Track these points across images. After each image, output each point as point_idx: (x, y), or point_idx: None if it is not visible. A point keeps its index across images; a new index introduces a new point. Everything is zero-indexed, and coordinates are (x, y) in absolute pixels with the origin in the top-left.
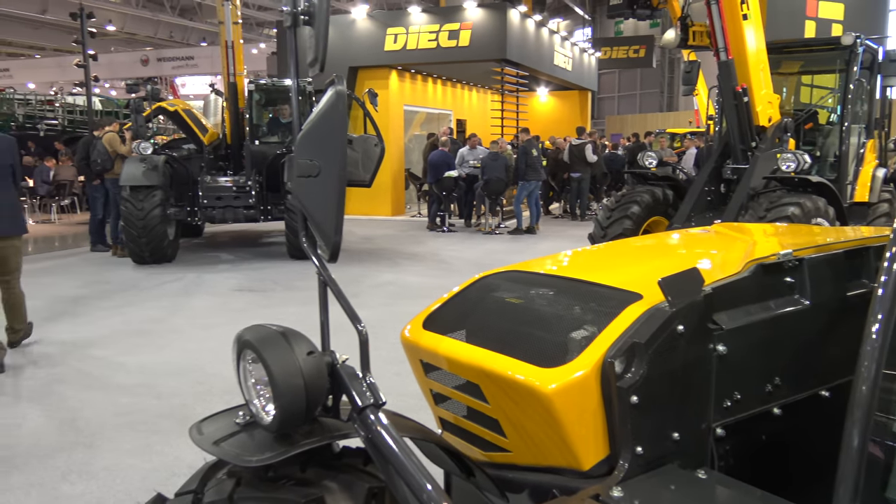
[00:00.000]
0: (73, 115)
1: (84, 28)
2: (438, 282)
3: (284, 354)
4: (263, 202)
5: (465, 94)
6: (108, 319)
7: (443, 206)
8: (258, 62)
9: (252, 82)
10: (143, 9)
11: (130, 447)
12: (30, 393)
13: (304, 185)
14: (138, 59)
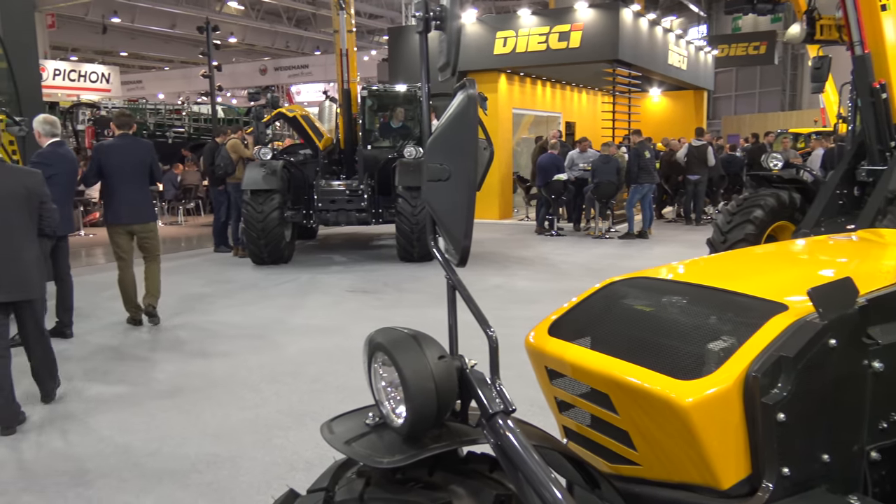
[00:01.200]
0: (197, 123)
1: (209, 40)
2: (548, 286)
3: (417, 358)
4: (375, 206)
5: (575, 96)
6: (232, 317)
7: (551, 209)
8: (369, 69)
9: (365, 88)
10: (262, 21)
11: (252, 440)
12: (160, 385)
13: (433, 189)
14: (257, 69)
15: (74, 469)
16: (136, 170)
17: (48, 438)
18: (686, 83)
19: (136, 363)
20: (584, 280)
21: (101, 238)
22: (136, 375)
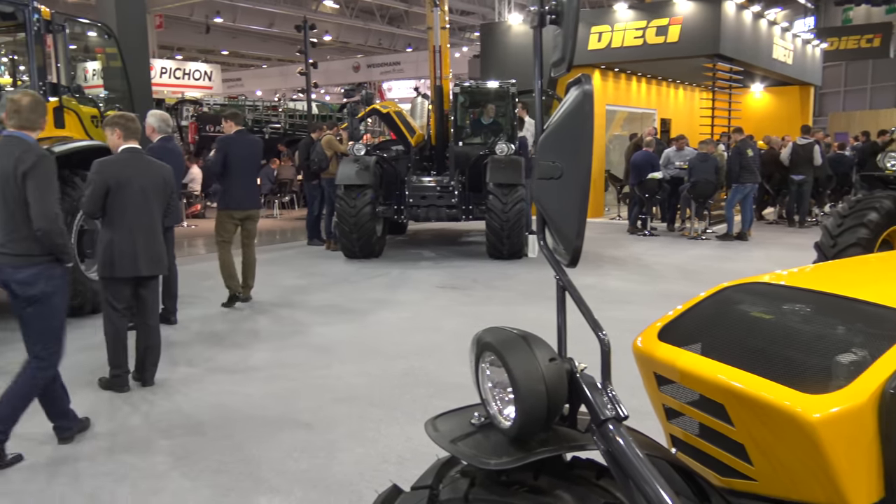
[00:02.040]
0: (293, 119)
1: (306, 39)
2: (642, 287)
3: (527, 360)
4: (465, 202)
5: (671, 93)
6: (324, 310)
7: (645, 208)
8: (461, 65)
9: (457, 85)
10: (356, 19)
11: (345, 431)
12: (257, 373)
13: (545, 187)
14: (351, 66)
15: (179, 452)
16: (250, 162)
17: (152, 418)
18: (791, 78)
19: (234, 351)
20: (680, 282)
21: (202, 229)
22: (233, 363)
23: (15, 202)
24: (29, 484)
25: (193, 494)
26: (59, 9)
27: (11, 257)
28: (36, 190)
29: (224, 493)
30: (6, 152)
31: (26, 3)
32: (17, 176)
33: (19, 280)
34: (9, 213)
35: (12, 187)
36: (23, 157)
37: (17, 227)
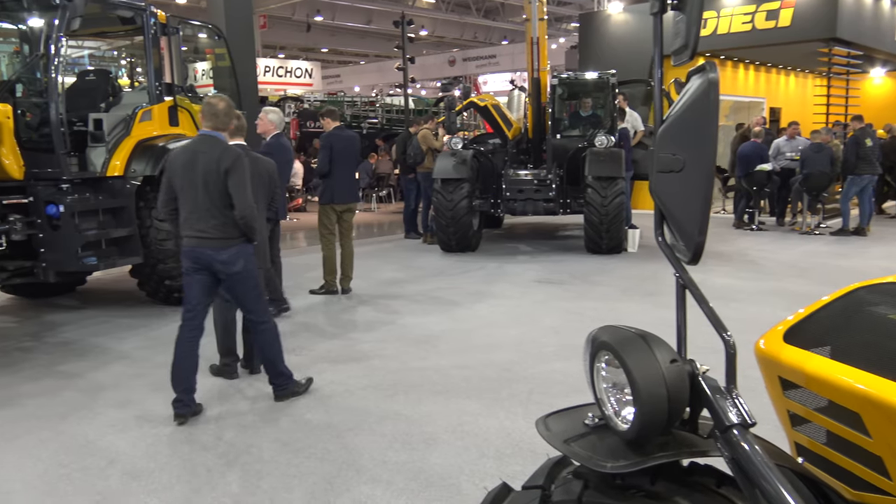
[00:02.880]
0: (390, 114)
1: (404, 34)
2: (750, 284)
3: (647, 360)
4: (563, 195)
5: (781, 80)
6: (422, 303)
7: (752, 202)
8: (557, 57)
9: (555, 76)
10: (452, 13)
11: (443, 424)
12: (357, 365)
13: (664, 180)
14: (446, 60)
15: (284, 439)
16: (350, 157)
17: (258, 405)
18: None
19: (335, 341)
20: (792, 280)
21: (303, 223)
22: (334, 353)
23: (217, 194)
24: (150, 461)
25: (299, 480)
26: (171, 12)
27: (213, 241)
28: (237, 185)
29: (328, 480)
30: (207, 150)
31: (144, 7)
32: (219, 172)
33: (222, 260)
34: (211, 203)
35: (215, 181)
36: (223, 156)
37: (217, 214)
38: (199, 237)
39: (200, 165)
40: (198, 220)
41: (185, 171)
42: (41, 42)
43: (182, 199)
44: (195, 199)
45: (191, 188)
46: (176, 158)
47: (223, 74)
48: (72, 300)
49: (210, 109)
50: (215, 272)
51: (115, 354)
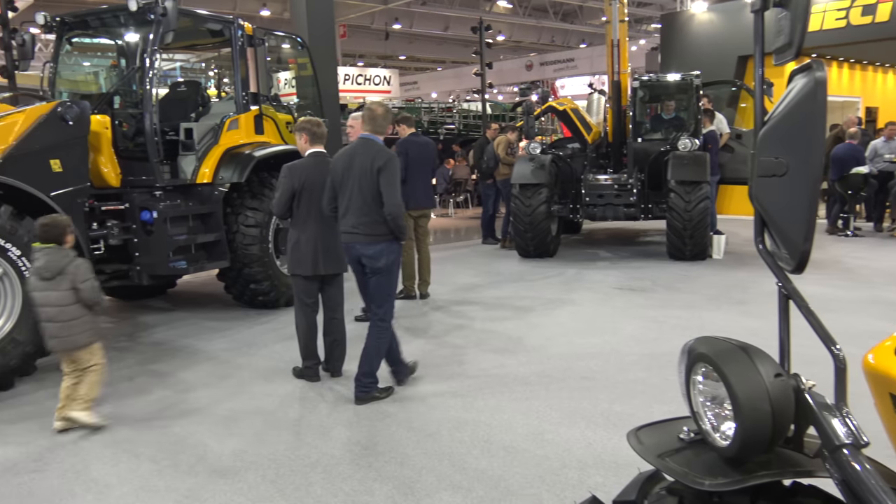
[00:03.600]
0: (467, 120)
1: (482, 40)
2: (845, 294)
3: (749, 374)
4: (644, 200)
5: (878, 78)
6: (500, 308)
7: (847, 206)
8: (638, 59)
9: (636, 79)
10: (529, 17)
11: (523, 432)
12: (437, 369)
13: (766, 185)
14: (523, 65)
15: (364, 443)
16: (425, 163)
17: (338, 408)
18: None
19: (414, 345)
20: (890, 289)
21: None
22: (414, 358)
23: (369, 192)
24: (236, 460)
25: (379, 484)
26: (256, 24)
27: (363, 236)
28: (388, 184)
29: (408, 485)
30: (363, 151)
31: (232, 20)
32: (372, 171)
33: (369, 255)
34: (363, 201)
35: (368, 180)
36: (377, 156)
37: (368, 212)
38: (350, 233)
39: (357, 166)
40: (351, 217)
41: (344, 172)
42: (137, 56)
43: (340, 198)
44: (350, 198)
45: (347, 187)
46: (338, 160)
47: (306, 83)
48: (163, 302)
49: (370, 115)
50: (362, 266)
51: (203, 355)
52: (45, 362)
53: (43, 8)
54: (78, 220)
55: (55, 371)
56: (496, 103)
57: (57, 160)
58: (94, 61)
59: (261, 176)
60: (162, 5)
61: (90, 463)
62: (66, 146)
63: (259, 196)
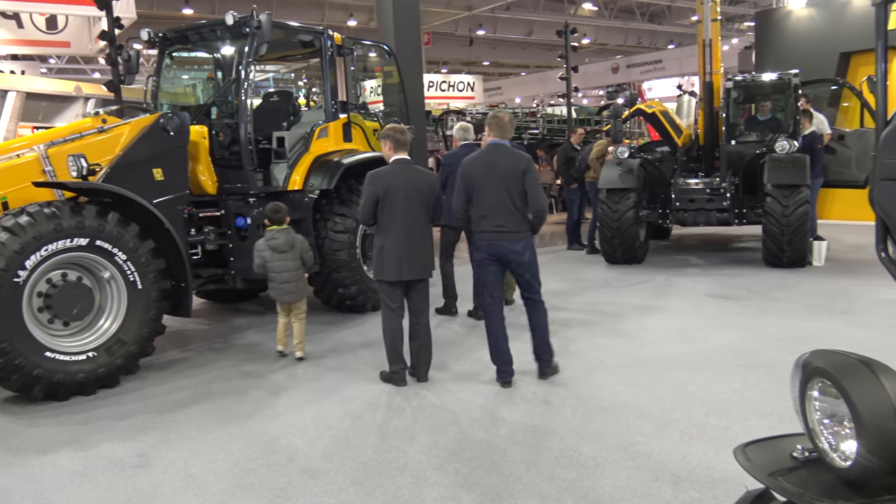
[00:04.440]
0: (551, 125)
1: (567, 43)
2: None
3: (874, 390)
4: (738, 205)
5: None
6: (588, 315)
7: None
8: (730, 58)
9: (730, 79)
10: (615, 19)
11: (613, 442)
12: (522, 378)
13: (891, 189)
14: (609, 68)
15: (451, 448)
16: None
17: (424, 412)
18: None
19: None
20: None
21: None
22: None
23: (516, 193)
24: (326, 462)
25: (466, 490)
26: (343, 33)
27: (510, 234)
28: (533, 185)
29: (495, 492)
30: (501, 156)
31: (322, 31)
32: (517, 173)
33: (517, 251)
34: (510, 201)
35: (514, 182)
36: (519, 159)
37: (513, 211)
38: (496, 231)
39: (499, 169)
40: (495, 217)
41: (482, 176)
42: (233, 68)
43: (478, 200)
44: (492, 199)
45: (488, 189)
46: (471, 166)
47: (392, 91)
48: (255, 305)
49: (497, 122)
50: (507, 262)
51: (293, 358)
52: (147, 362)
53: (144, 24)
54: (177, 226)
55: (157, 370)
56: (581, 107)
57: (159, 169)
58: (191, 74)
59: (349, 183)
60: (257, 18)
61: (189, 460)
62: (167, 156)
63: (347, 202)
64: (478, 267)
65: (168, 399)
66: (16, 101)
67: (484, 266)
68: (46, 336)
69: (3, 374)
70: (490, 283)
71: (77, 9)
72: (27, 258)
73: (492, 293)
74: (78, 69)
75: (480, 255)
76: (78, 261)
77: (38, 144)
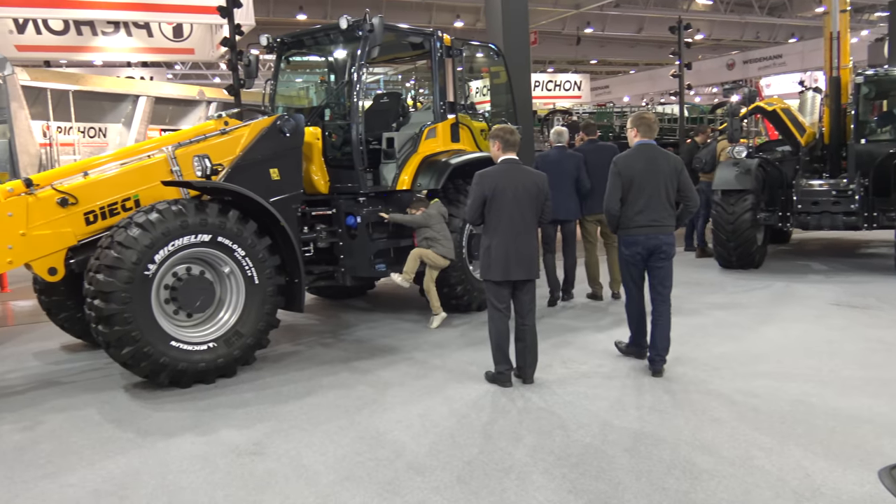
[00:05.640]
0: (661, 124)
1: (681, 40)
2: None
3: None
4: (868, 208)
5: None
6: (699, 319)
7: None
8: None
9: (860, 74)
10: (731, 13)
11: (730, 455)
12: (628, 382)
13: None
14: (724, 64)
15: (558, 452)
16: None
17: (532, 412)
18: None
19: (603, 358)
20: None
21: None
22: (606, 369)
23: (673, 190)
24: (432, 459)
25: (574, 496)
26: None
27: (665, 227)
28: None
29: (604, 500)
30: (660, 155)
31: (432, 33)
32: (675, 172)
33: (669, 242)
34: (666, 197)
35: (672, 179)
36: (674, 159)
37: (667, 206)
38: (653, 225)
39: (658, 167)
40: (653, 212)
41: (643, 173)
42: (345, 70)
43: (636, 195)
44: (650, 195)
45: (647, 186)
46: (630, 164)
47: (499, 91)
48: (363, 302)
49: (645, 122)
50: (658, 253)
51: (400, 355)
52: (262, 354)
53: (261, 31)
54: (292, 224)
55: (271, 362)
56: (693, 105)
57: (276, 169)
58: (304, 77)
59: (456, 183)
60: (369, 22)
61: (301, 450)
62: (283, 156)
63: (454, 202)
64: (627, 259)
65: (281, 390)
66: (146, 105)
67: (633, 258)
68: (172, 326)
69: (133, 360)
70: (636, 274)
71: (202, 17)
72: (156, 252)
73: (637, 282)
74: (199, 74)
75: (634, 248)
76: (201, 256)
77: (166, 146)
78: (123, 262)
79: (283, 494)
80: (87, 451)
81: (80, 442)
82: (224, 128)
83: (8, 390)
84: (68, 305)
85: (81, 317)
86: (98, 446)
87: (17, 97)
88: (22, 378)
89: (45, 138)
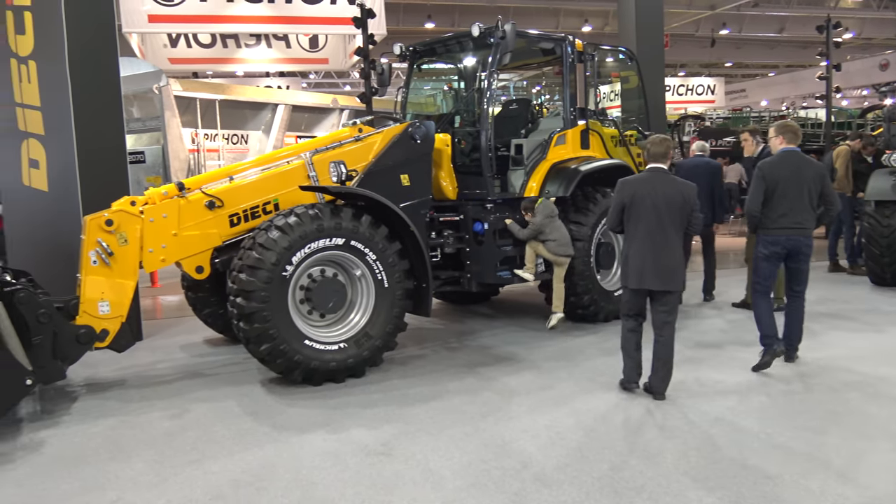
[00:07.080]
0: (804, 129)
1: (829, 39)
2: None
3: None
4: None
5: None
6: (850, 341)
7: None
8: None
9: None
10: (885, 9)
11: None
12: (757, 397)
13: None
14: (876, 65)
15: (693, 474)
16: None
17: (666, 430)
18: None
19: (730, 370)
20: None
21: None
22: (730, 383)
23: (816, 194)
24: (560, 473)
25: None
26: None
27: (807, 230)
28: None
29: None
30: (803, 161)
31: (564, 38)
32: (818, 177)
33: (809, 244)
34: (808, 201)
35: (815, 185)
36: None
37: (810, 210)
38: (796, 228)
39: (803, 173)
40: (796, 215)
41: (789, 178)
42: (476, 77)
43: (780, 199)
44: (794, 199)
45: (791, 190)
46: (775, 170)
47: (631, 96)
48: (487, 309)
49: (791, 130)
50: (797, 254)
51: (525, 363)
52: (390, 356)
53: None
54: (421, 230)
55: (398, 364)
56: (840, 109)
57: (406, 175)
58: (431, 85)
59: (585, 190)
60: (501, 29)
61: (428, 454)
62: (414, 162)
63: (583, 210)
64: (764, 259)
65: (408, 393)
66: (284, 113)
67: (770, 260)
68: (306, 326)
69: (269, 356)
70: (771, 273)
71: (337, 28)
72: (294, 254)
73: (768, 279)
74: (331, 83)
75: (773, 248)
76: (334, 258)
77: (304, 152)
78: (264, 263)
79: (410, 497)
80: (228, 442)
81: (221, 432)
82: (358, 135)
83: (158, 379)
84: (212, 302)
85: (223, 313)
86: (238, 437)
87: (170, 106)
88: (170, 368)
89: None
